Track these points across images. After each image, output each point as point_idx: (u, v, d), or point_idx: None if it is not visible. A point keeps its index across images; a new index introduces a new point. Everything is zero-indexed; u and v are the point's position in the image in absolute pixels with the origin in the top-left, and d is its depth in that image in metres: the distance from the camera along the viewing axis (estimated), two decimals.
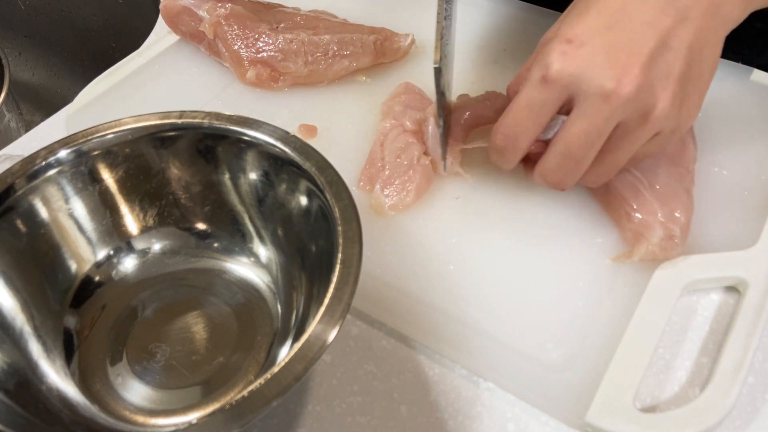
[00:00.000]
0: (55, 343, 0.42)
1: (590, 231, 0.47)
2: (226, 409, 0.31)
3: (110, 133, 0.44)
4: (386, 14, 0.66)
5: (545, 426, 0.40)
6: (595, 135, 0.39)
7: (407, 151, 0.50)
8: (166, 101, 0.59)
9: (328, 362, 0.43)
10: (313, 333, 0.33)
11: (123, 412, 0.40)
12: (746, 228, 0.46)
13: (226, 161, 0.45)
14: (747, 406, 0.39)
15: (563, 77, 0.39)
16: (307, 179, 0.41)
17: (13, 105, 0.91)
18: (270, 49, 0.57)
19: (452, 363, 0.42)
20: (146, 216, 0.46)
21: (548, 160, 0.42)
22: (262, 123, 0.43)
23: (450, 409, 0.40)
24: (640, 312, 0.42)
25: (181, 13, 0.61)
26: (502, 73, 0.60)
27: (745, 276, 0.43)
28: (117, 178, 0.45)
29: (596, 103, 0.38)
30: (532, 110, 0.40)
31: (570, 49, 0.38)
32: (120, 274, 0.45)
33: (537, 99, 0.40)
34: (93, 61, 1.05)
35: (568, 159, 0.41)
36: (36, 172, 0.42)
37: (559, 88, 0.39)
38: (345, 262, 0.36)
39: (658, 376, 0.41)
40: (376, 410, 0.40)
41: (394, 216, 0.49)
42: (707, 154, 0.51)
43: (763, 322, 0.41)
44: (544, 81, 0.39)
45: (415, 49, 0.62)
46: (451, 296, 0.44)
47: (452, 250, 0.47)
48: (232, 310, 0.44)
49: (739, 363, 0.39)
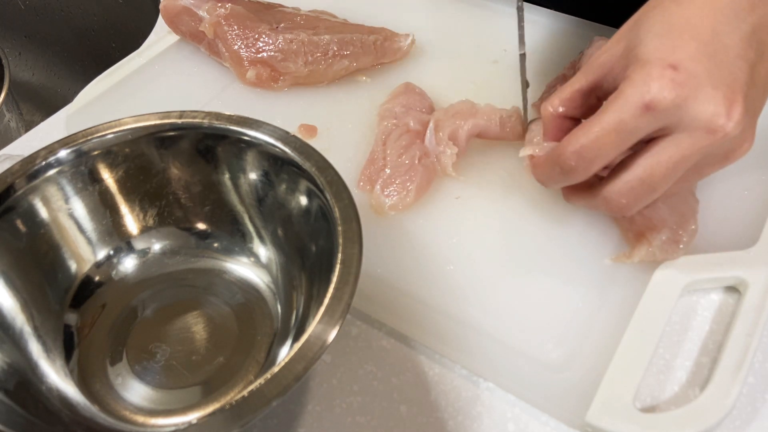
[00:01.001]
0: (55, 343, 0.42)
1: (590, 231, 0.47)
2: (226, 409, 0.31)
3: (110, 133, 0.44)
4: (386, 14, 0.66)
5: (545, 426, 0.40)
6: (683, 166, 0.37)
7: (409, 151, 0.50)
8: (166, 101, 0.59)
9: (328, 362, 0.43)
10: (313, 333, 0.33)
11: (123, 412, 0.40)
12: (746, 228, 0.46)
13: (226, 161, 0.45)
14: (747, 406, 0.39)
15: (670, 106, 0.36)
16: (307, 179, 0.41)
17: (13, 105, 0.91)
18: (270, 49, 0.57)
19: (452, 363, 0.42)
20: (146, 216, 0.46)
21: (621, 184, 0.39)
22: (262, 123, 0.43)
23: (450, 409, 0.40)
24: (640, 312, 0.42)
25: (181, 13, 0.61)
26: (501, 73, 0.60)
27: (745, 276, 0.43)
28: (117, 178, 0.45)
29: (698, 135, 0.36)
30: (621, 135, 0.37)
31: (677, 76, 0.36)
32: (120, 274, 0.45)
33: (631, 124, 0.37)
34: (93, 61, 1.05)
35: (645, 185, 0.38)
36: (36, 172, 0.42)
37: (662, 117, 0.36)
38: (345, 262, 0.36)
39: (658, 376, 0.41)
40: (376, 410, 0.40)
41: (394, 216, 0.49)
42: None
43: (763, 322, 0.41)
44: (647, 108, 0.36)
45: (415, 49, 0.62)
46: (451, 296, 0.44)
47: (452, 250, 0.47)
48: (232, 310, 0.44)
49: (739, 363, 0.39)
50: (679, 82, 0.36)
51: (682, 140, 0.37)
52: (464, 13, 0.66)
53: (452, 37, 0.64)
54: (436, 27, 0.65)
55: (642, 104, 0.36)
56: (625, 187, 0.39)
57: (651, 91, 0.36)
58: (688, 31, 0.37)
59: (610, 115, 0.37)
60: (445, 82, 0.59)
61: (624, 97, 0.37)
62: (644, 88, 0.36)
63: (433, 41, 0.64)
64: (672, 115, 0.36)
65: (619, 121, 0.37)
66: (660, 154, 0.37)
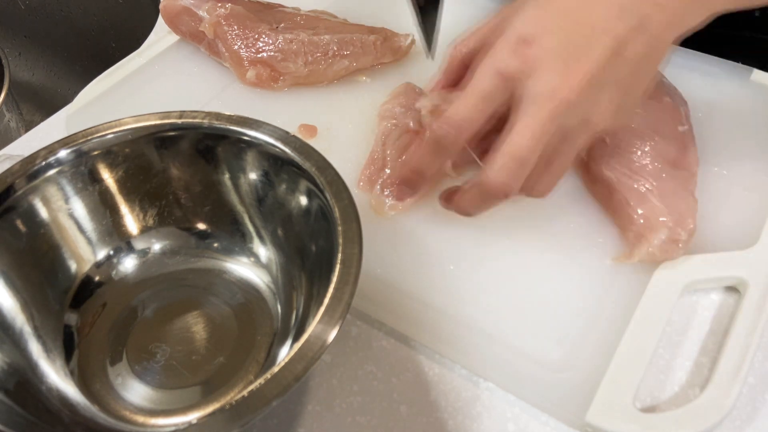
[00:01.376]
0: (55, 343, 0.42)
1: (591, 231, 0.47)
2: (226, 409, 0.31)
3: (110, 133, 0.44)
4: (386, 14, 0.66)
5: (545, 426, 0.40)
6: (539, 133, 0.39)
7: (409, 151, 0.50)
8: (166, 101, 0.59)
9: (328, 362, 0.43)
10: (313, 333, 0.33)
11: (123, 412, 0.40)
12: (746, 228, 0.46)
13: (226, 161, 0.45)
14: (747, 406, 0.39)
15: (515, 74, 0.40)
16: (307, 179, 0.41)
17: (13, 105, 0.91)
18: (270, 49, 0.57)
19: (452, 363, 0.42)
20: (146, 216, 0.46)
21: (494, 162, 0.41)
22: (262, 123, 0.43)
23: (450, 409, 0.40)
24: (640, 312, 0.42)
25: (181, 13, 0.61)
26: None
27: (745, 276, 0.43)
28: (117, 178, 0.45)
29: (541, 103, 0.39)
30: (480, 97, 0.41)
31: (527, 50, 0.40)
32: (120, 274, 0.45)
33: (486, 88, 0.40)
34: (93, 61, 1.05)
35: (515, 159, 0.40)
36: (36, 172, 0.42)
37: (511, 85, 0.40)
38: (345, 262, 0.36)
39: (658, 376, 0.41)
40: (376, 410, 0.40)
41: (394, 216, 0.49)
42: (707, 154, 0.51)
43: (763, 322, 0.41)
44: (497, 73, 0.40)
45: (415, 49, 0.62)
46: (451, 296, 0.44)
47: (452, 250, 0.47)
48: (232, 310, 0.44)
49: (739, 363, 0.39)
50: (527, 54, 0.39)
51: (530, 108, 0.40)
52: (464, 13, 0.66)
53: (452, 37, 0.64)
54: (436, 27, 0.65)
55: (493, 70, 0.40)
56: (497, 164, 0.41)
57: (503, 59, 0.40)
58: (559, 2, 0.41)
59: (471, 82, 0.41)
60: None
61: (482, 66, 0.41)
62: (498, 56, 0.40)
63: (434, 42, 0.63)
64: (520, 85, 0.40)
65: (476, 85, 0.41)
66: (517, 125, 0.40)
